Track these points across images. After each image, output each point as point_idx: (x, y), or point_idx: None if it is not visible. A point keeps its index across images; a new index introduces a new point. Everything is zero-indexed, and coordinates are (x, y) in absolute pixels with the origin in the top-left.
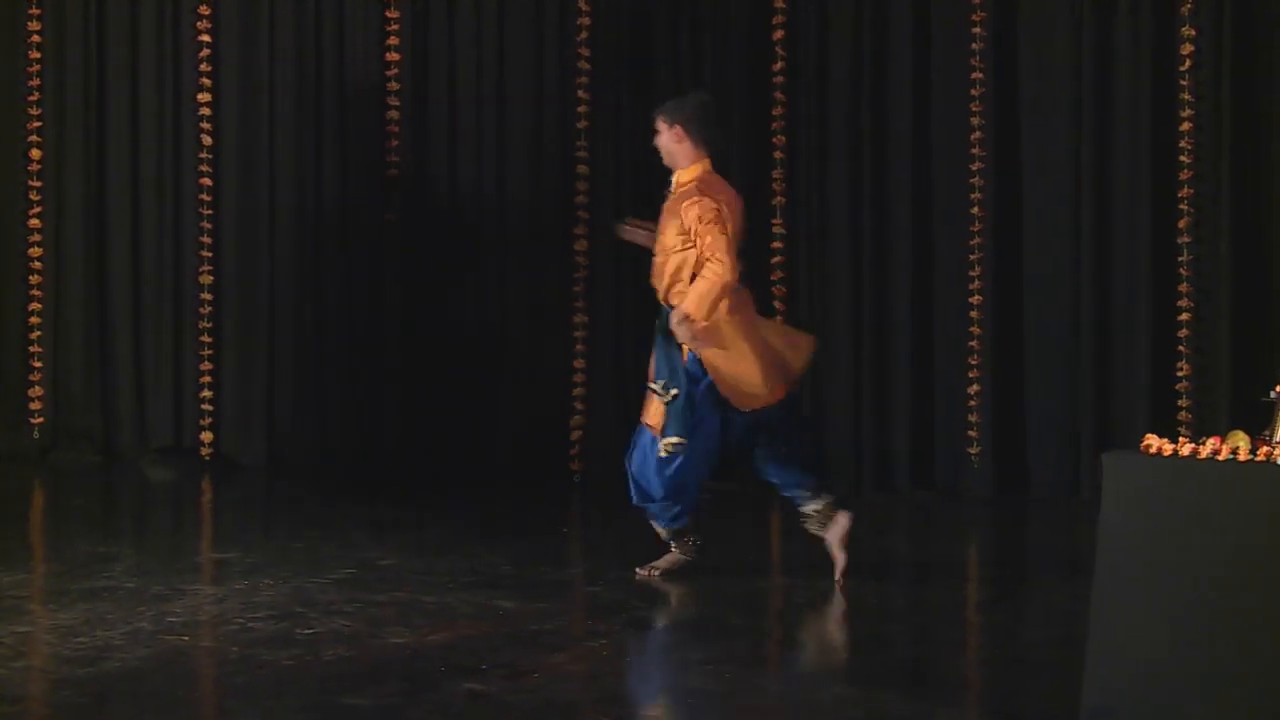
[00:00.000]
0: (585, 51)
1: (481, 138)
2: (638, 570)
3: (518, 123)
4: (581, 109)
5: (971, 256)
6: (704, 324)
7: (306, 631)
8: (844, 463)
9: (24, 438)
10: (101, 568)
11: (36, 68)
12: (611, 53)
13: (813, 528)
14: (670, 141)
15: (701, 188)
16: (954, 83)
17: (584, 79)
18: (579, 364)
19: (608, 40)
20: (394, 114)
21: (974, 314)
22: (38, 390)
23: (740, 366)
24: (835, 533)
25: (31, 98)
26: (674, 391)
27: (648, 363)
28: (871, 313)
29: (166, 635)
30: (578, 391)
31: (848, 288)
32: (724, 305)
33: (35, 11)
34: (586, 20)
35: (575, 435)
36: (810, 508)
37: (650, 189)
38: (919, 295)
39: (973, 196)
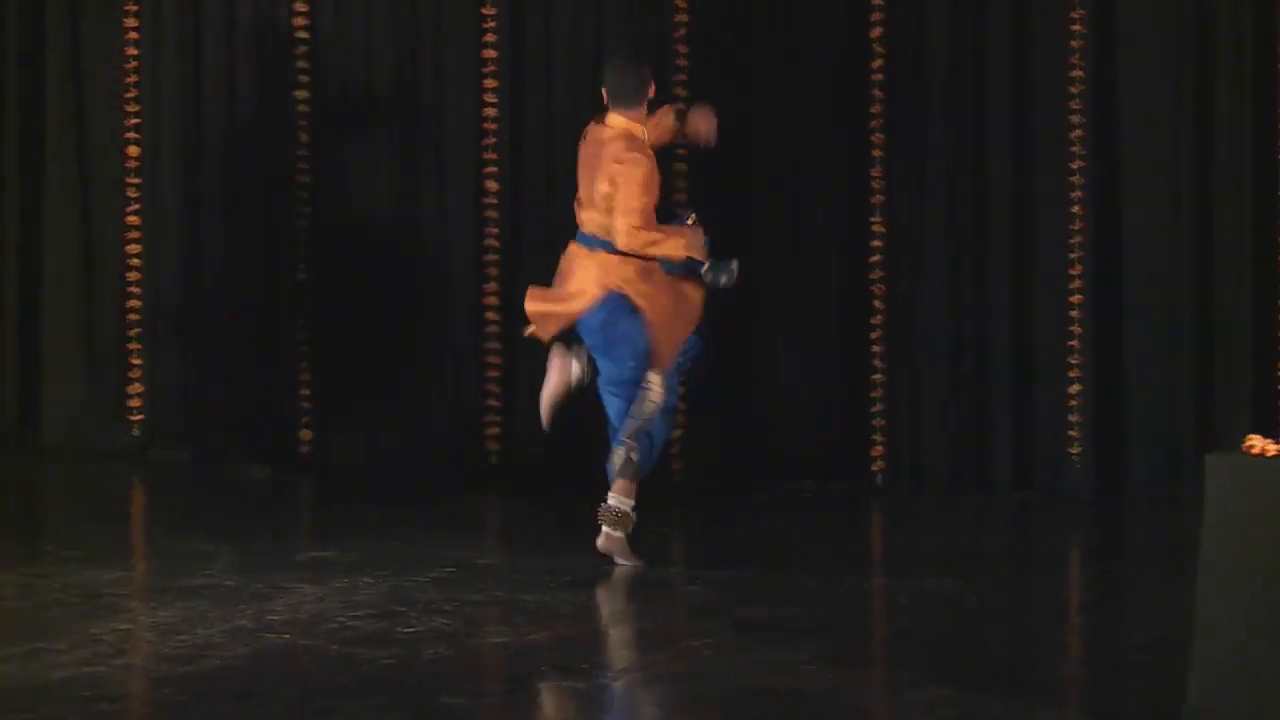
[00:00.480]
0: (683, 49)
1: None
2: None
3: None
4: (679, 107)
5: (1071, 255)
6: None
7: (406, 630)
8: (942, 461)
9: (123, 435)
10: (201, 565)
11: (134, 64)
12: (709, 51)
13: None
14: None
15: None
16: (1053, 80)
17: (682, 76)
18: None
19: (704, 38)
20: (491, 110)
21: (1074, 313)
22: (137, 387)
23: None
24: None
25: (128, 94)
26: None
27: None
28: (970, 311)
29: (266, 633)
30: (682, 392)
31: (946, 286)
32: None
33: (132, 8)
34: (684, 18)
35: (676, 434)
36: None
37: (743, 186)
38: (1018, 294)
39: (1072, 195)
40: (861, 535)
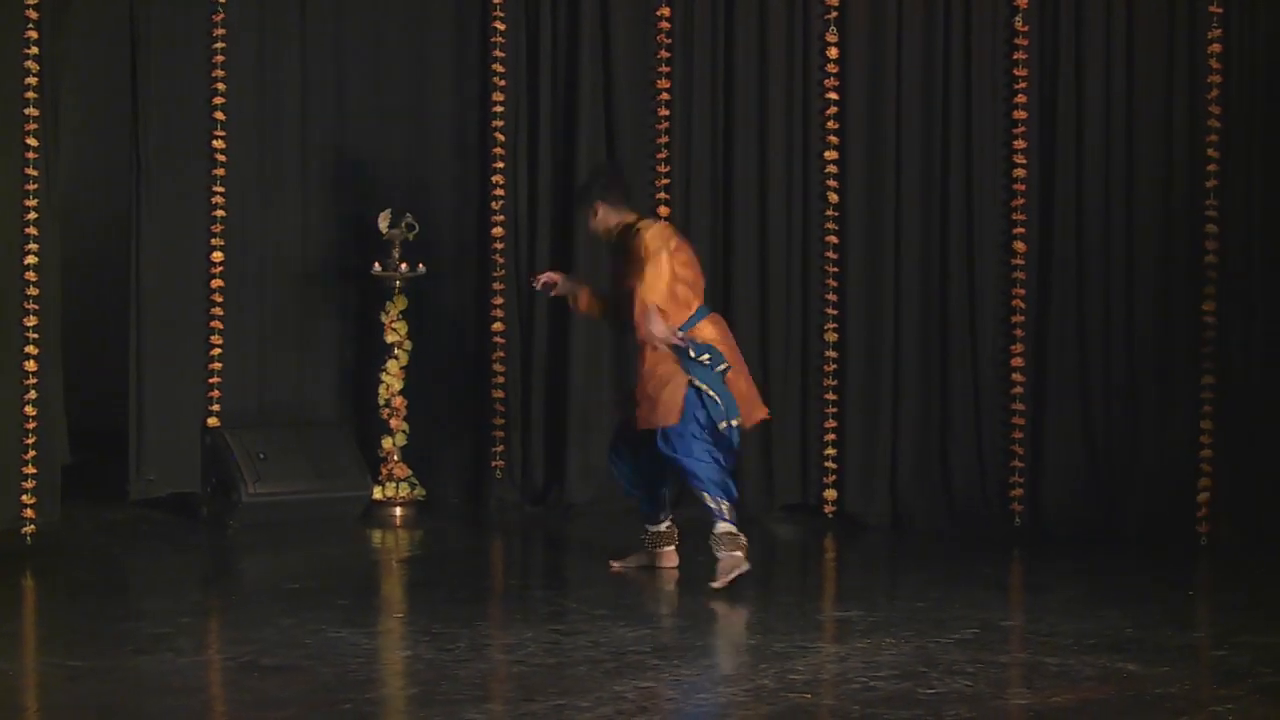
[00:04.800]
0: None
1: (1110, 169)
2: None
3: (1147, 160)
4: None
5: None
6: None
7: (928, 692)
8: None
9: None
10: (725, 624)
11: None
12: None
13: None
14: (602, 220)
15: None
16: None
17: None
18: (1205, 425)
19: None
20: (1019, 143)
21: None
22: None
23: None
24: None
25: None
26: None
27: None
28: None
29: (788, 693)
30: (1205, 453)
31: None
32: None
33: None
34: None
35: (1202, 497)
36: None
37: None
38: None
39: None
40: None
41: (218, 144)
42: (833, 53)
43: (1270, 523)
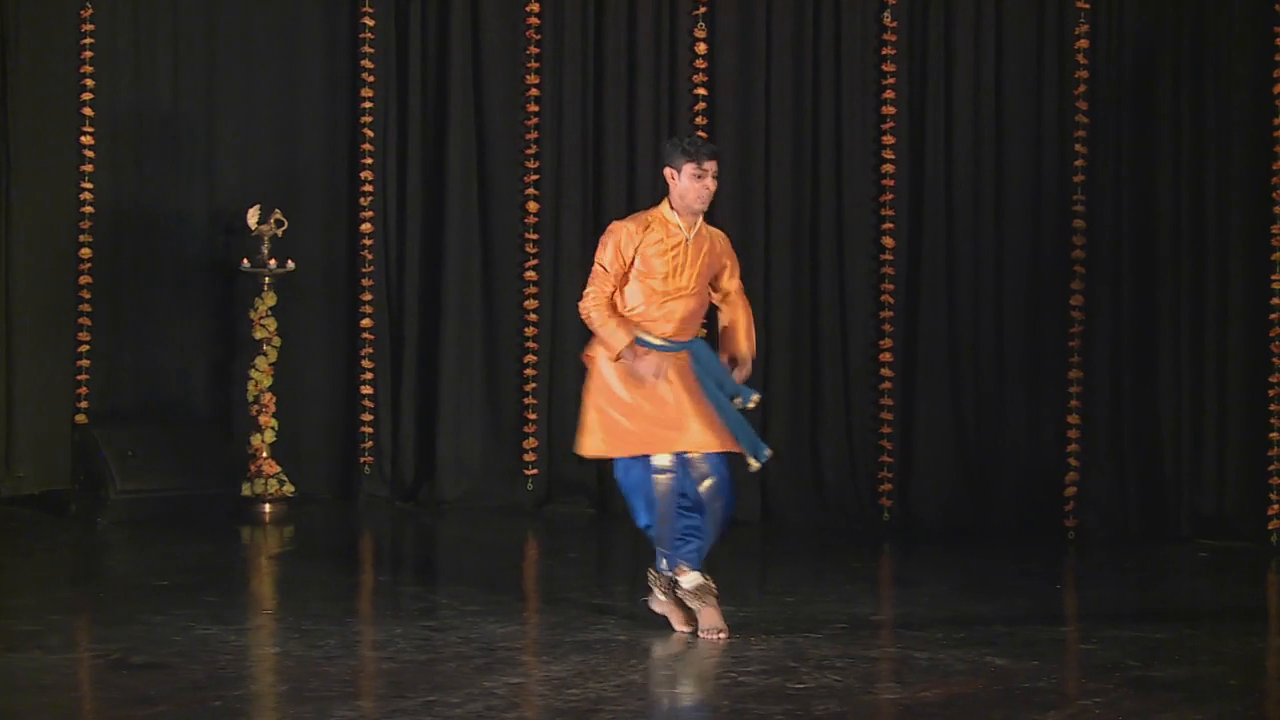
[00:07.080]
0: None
1: (979, 165)
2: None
3: (1015, 156)
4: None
5: None
6: None
7: (797, 686)
8: None
9: (520, 490)
10: (595, 620)
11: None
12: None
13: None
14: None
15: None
16: None
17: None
18: (1073, 419)
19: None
20: (888, 139)
21: None
22: (532, 443)
23: None
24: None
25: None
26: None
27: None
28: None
29: (658, 689)
30: (1073, 448)
31: None
32: None
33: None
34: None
35: (1070, 491)
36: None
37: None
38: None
39: None
40: (1257, 594)
41: (86, 140)
42: (701, 49)
43: (1136, 516)
